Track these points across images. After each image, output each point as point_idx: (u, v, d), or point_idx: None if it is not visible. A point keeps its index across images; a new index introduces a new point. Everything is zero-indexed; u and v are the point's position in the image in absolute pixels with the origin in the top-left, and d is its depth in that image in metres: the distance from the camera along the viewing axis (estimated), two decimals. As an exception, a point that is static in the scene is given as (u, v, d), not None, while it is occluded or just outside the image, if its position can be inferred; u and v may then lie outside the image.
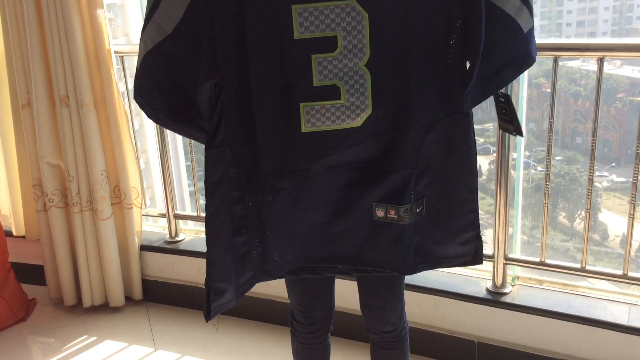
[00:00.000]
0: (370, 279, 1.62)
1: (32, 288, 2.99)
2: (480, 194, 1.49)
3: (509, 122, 1.51)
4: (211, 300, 1.41)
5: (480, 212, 1.51)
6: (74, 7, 2.45)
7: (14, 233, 3.03)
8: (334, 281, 1.72)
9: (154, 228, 3.03)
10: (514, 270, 2.34)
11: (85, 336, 2.70)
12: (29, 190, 2.83)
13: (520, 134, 1.53)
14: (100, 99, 2.62)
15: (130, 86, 2.84)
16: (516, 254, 2.32)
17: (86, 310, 2.84)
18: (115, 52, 2.61)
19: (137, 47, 1.40)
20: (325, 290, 1.71)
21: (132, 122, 2.73)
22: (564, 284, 2.30)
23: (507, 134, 2.11)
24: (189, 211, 2.96)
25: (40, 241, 2.87)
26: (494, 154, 2.22)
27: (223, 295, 1.43)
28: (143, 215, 2.87)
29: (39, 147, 2.67)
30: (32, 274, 3.02)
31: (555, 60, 2.06)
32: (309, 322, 1.73)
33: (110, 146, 2.68)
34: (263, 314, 2.67)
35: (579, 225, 3.35)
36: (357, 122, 1.35)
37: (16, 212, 2.99)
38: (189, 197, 3.03)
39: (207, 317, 1.43)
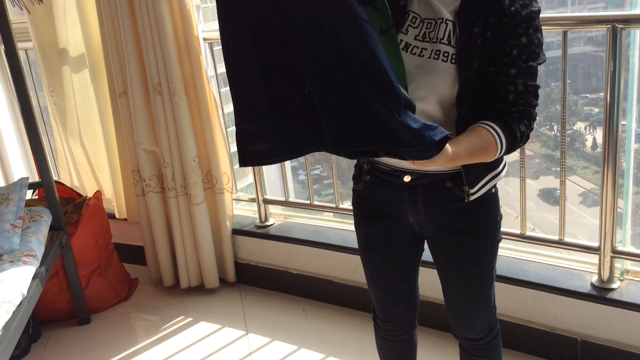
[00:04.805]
0: (452, 284, 1.52)
1: (135, 268, 3.14)
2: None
3: None
4: (240, 143, 1.23)
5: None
6: (163, -4, 2.48)
7: (117, 216, 3.17)
8: (416, 276, 1.63)
9: (244, 212, 3.06)
10: (622, 264, 2.13)
11: (182, 317, 2.79)
12: (129, 175, 2.95)
13: None
14: (191, 86, 2.66)
15: (220, 71, 2.86)
16: (626, 245, 2.11)
17: (183, 291, 2.94)
18: (204, 39, 2.62)
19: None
20: (406, 286, 1.62)
21: (222, 107, 2.75)
22: (682, 280, 2.07)
23: (615, 101, 1.89)
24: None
25: (140, 224, 2.99)
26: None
27: (255, 140, 1.23)
28: (234, 199, 2.91)
29: (136, 134, 2.76)
30: (135, 254, 3.16)
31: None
32: (389, 320, 1.66)
33: (201, 132, 2.72)
34: (353, 301, 2.64)
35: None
36: None
37: (118, 196, 3.13)
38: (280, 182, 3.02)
39: (240, 162, 1.25)
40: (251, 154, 1.25)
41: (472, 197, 1.40)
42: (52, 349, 2.65)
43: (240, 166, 1.25)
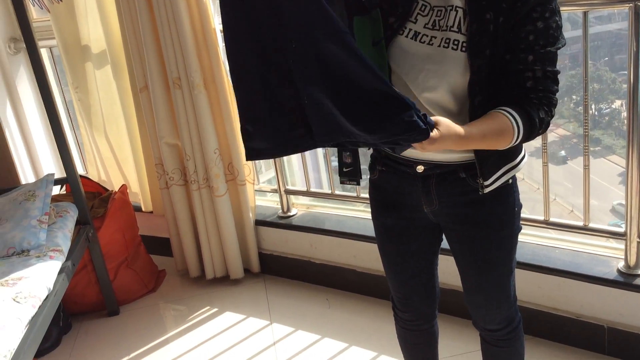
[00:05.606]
0: (469, 276, 1.50)
1: (162, 259, 3.19)
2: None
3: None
4: (244, 141, 1.32)
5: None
6: (180, -10, 2.49)
7: (143, 209, 3.22)
8: (433, 267, 1.61)
9: (268, 203, 3.08)
10: (650, 249, 2.08)
11: (208, 307, 2.83)
12: (153, 169, 2.98)
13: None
14: (210, 78, 2.67)
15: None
16: (653, 230, 2.06)
17: (209, 282, 2.97)
18: (221, 31, 2.62)
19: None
20: (423, 277, 1.60)
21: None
22: None
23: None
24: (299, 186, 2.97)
25: (165, 217, 3.02)
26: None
27: (253, 139, 1.31)
28: (256, 190, 2.92)
29: (158, 128, 2.79)
30: (162, 246, 3.21)
31: None
32: (407, 310, 1.65)
33: (221, 125, 2.73)
34: (376, 290, 2.63)
35: None
36: None
37: (143, 189, 3.17)
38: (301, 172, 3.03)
39: (246, 157, 1.35)
40: (251, 150, 1.32)
41: (486, 190, 1.37)
42: (82, 340, 2.71)
43: (246, 160, 1.36)
